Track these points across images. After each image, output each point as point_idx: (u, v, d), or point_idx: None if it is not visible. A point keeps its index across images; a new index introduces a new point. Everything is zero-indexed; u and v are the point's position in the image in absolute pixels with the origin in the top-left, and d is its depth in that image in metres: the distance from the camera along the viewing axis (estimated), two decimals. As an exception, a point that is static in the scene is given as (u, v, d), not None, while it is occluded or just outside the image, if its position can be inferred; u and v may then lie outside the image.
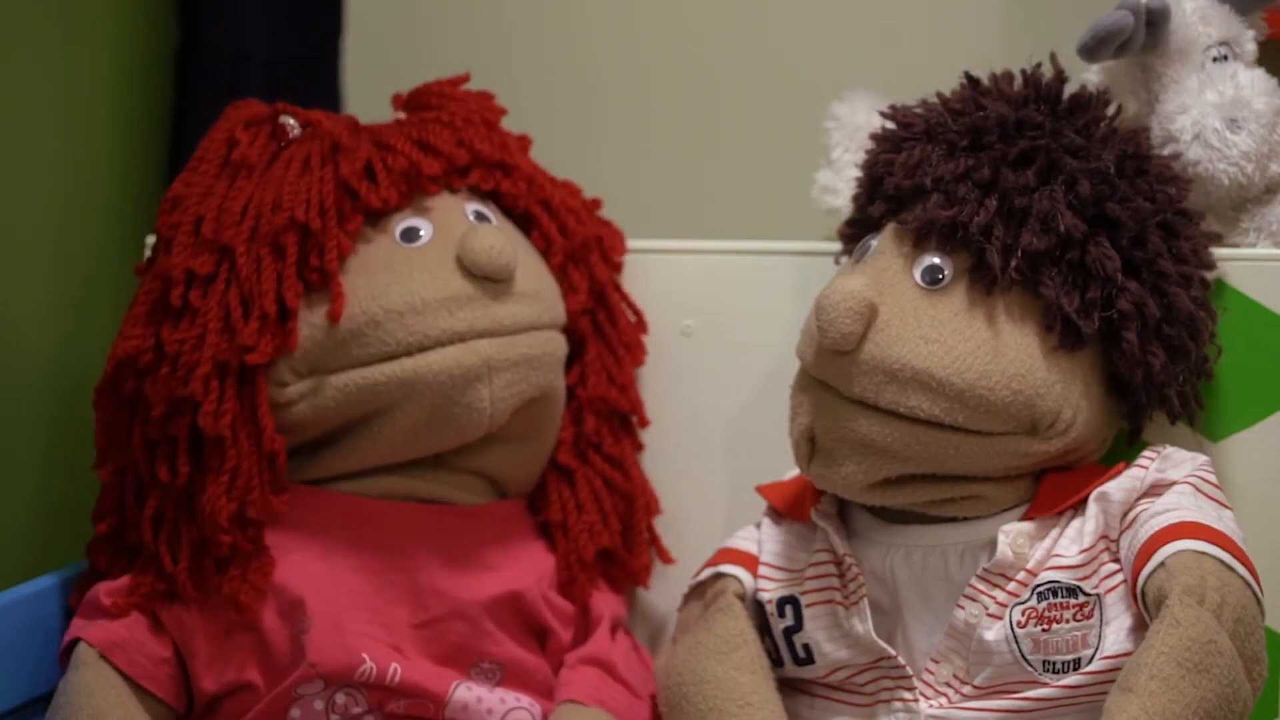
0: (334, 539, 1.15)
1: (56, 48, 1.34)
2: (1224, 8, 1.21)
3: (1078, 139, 1.11)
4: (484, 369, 1.13)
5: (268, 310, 1.12)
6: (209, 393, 1.12)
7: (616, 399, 1.24)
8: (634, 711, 1.17)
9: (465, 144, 1.20)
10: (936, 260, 1.10)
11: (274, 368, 1.13)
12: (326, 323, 1.13)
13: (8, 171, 1.28)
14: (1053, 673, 1.06)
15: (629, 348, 1.26)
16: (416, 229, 1.17)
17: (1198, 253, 1.13)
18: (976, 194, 1.09)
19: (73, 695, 1.10)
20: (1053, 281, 1.08)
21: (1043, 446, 1.08)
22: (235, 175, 1.17)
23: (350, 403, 1.13)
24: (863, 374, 1.07)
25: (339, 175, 1.16)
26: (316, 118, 1.20)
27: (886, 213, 1.14)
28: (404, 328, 1.13)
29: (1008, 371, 1.07)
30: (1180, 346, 1.11)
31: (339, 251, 1.14)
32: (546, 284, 1.20)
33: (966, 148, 1.11)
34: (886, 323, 1.08)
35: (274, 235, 1.14)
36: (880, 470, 1.08)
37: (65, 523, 1.30)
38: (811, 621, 1.13)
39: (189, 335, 1.13)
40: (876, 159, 1.16)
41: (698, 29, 1.66)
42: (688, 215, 1.62)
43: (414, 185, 1.18)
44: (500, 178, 1.22)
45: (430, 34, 1.69)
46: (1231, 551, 1.03)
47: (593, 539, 1.21)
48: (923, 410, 1.06)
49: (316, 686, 1.12)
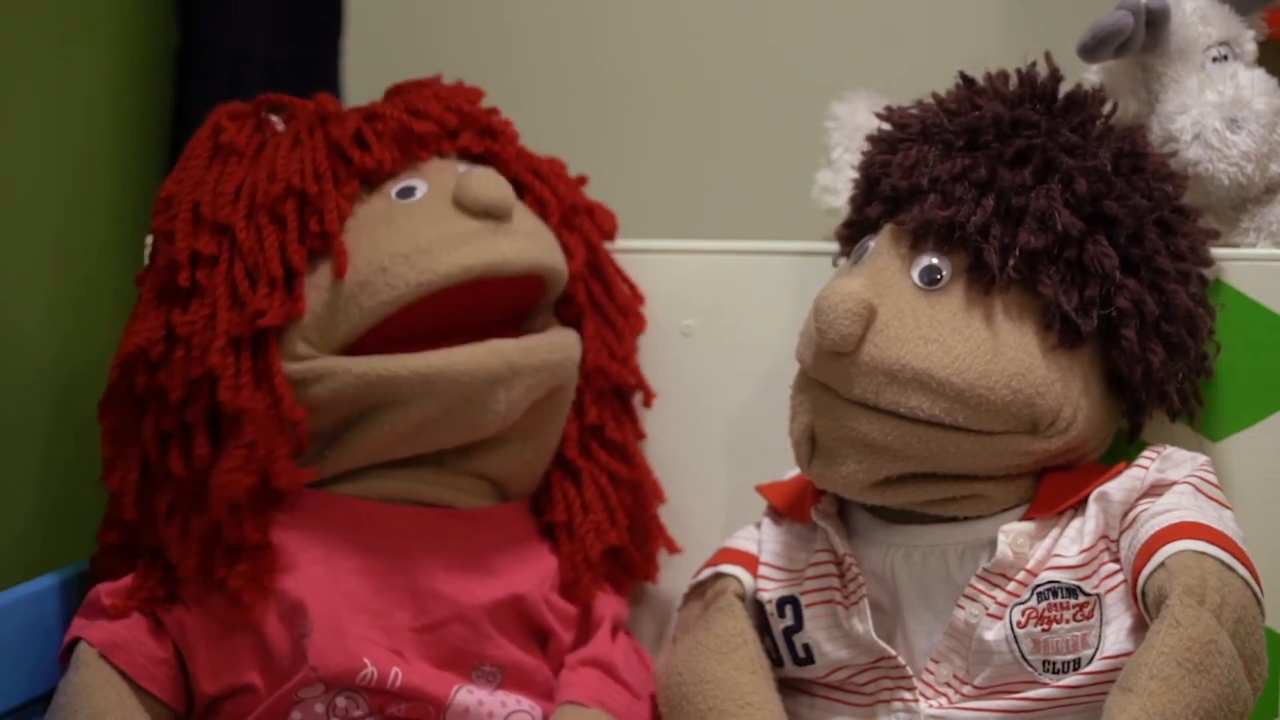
0: (335, 542, 1.15)
1: (56, 48, 1.34)
2: (1224, 8, 1.21)
3: (1074, 137, 1.11)
4: (507, 373, 1.13)
5: (274, 275, 1.12)
6: (226, 366, 1.11)
7: (617, 372, 1.24)
8: (634, 712, 1.17)
9: (453, 109, 1.21)
10: (934, 260, 1.10)
11: (286, 339, 1.13)
12: (332, 281, 1.13)
13: (8, 171, 1.28)
14: (1053, 673, 1.06)
15: (626, 315, 1.26)
16: (412, 187, 1.17)
17: (1196, 249, 1.13)
18: (973, 194, 1.10)
19: (73, 695, 1.10)
20: (1051, 280, 1.08)
21: (1043, 445, 1.08)
22: (225, 160, 1.17)
23: (369, 390, 1.13)
24: (862, 375, 1.07)
25: (330, 139, 1.16)
26: (299, 103, 1.21)
27: (884, 214, 1.14)
28: (411, 267, 1.12)
29: (1007, 370, 1.07)
30: (1179, 343, 1.11)
31: (339, 213, 1.14)
32: (545, 231, 1.20)
33: (963, 148, 1.11)
34: (885, 324, 1.08)
35: (272, 205, 1.14)
36: (881, 469, 1.08)
37: (65, 523, 1.30)
38: (811, 621, 1.13)
39: (199, 315, 1.13)
40: (873, 160, 1.16)
41: (698, 29, 1.66)
42: (688, 215, 1.62)
43: (405, 147, 1.18)
44: (489, 141, 1.22)
45: (430, 34, 1.69)
46: (1232, 552, 1.03)
47: (599, 538, 1.21)
48: (923, 410, 1.06)
49: (317, 690, 1.12)
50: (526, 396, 1.15)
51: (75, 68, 1.36)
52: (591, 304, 1.24)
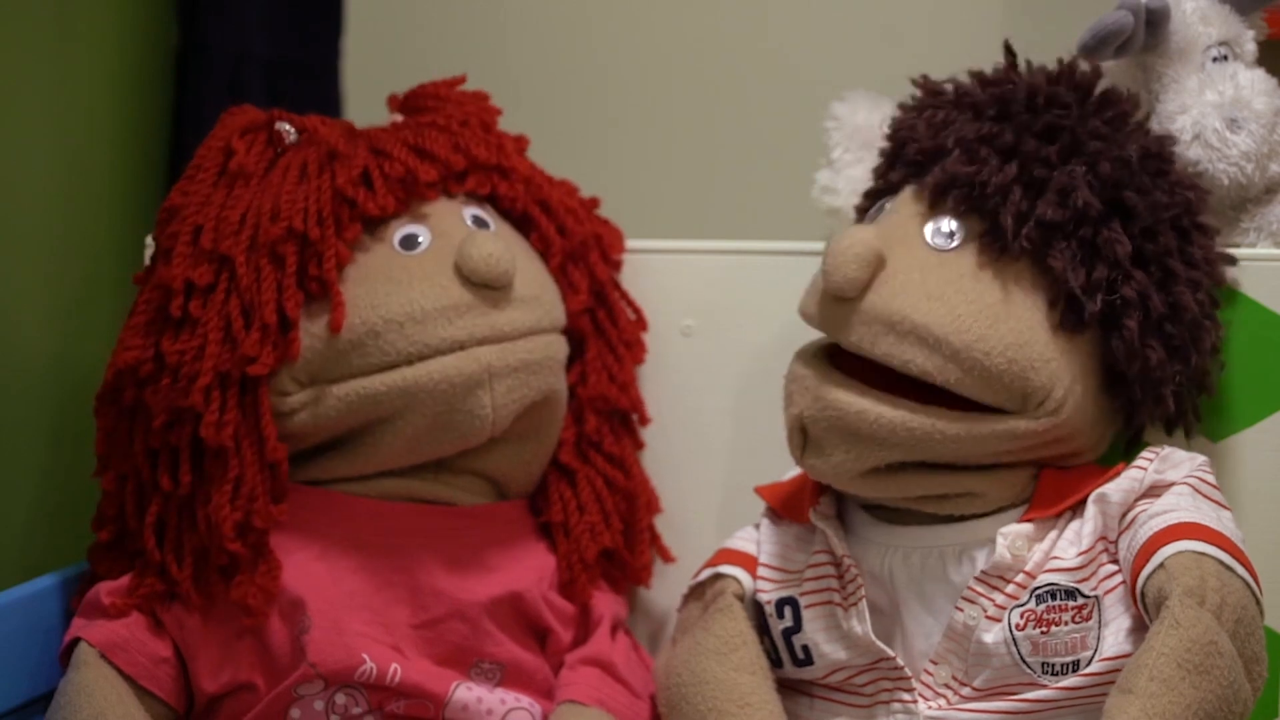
0: (334, 539, 1.15)
1: (56, 48, 1.34)
2: (1224, 8, 1.21)
3: (1104, 127, 1.11)
4: (485, 376, 1.13)
5: (268, 321, 1.12)
6: (210, 404, 1.12)
7: (617, 397, 1.24)
8: (634, 711, 1.17)
9: (462, 149, 1.20)
10: (951, 222, 1.10)
11: (275, 377, 1.13)
12: (327, 333, 1.13)
13: (8, 172, 1.28)
14: (1052, 675, 1.06)
15: (629, 346, 1.26)
16: (415, 236, 1.17)
17: (1210, 261, 1.13)
18: (998, 158, 1.10)
19: (73, 695, 1.10)
20: (1062, 255, 1.08)
21: (1030, 426, 1.08)
22: (232, 184, 1.17)
23: (352, 412, 1.13)
24: (862, 322, 1.08)
25: (336, 184, 1.16)
26: (312, 124, 1.20)
27: (906, 177, 1.14)
28: (404, 337, 1.13)
29: (1006, 339, 1.07)
30: (1180, 348, 1.11)
31: (337, 260, 1.14)
32: (546, 287, 1.20)
33: (993, 116, 1.12)
34: (892, 274, 1.08)
35: (272, 245, 1.14)
36: (869, 458, 1.08)
37: (65, 523, 1.30)
38: (810, 623, 1.13)
39: (189, 346, 1.13)
40: (901, 124, 1.16)
41: (698, 29, 1.66)
42: (688, 215, 1.62)
43: (411, 192, 1.18)
44: (497, 180, 1.22)
45: (430, 34, 1.69)
46: (1231, 552, 1.03)
47: (594, 539, 1.21)
48: (915, 365, 1.06)
49: (316, 687, 1.12)
50: (514, 398, 1.15)
51: (75, 68, 1.36)
52: (595, 331, 1.25)
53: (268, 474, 1.13)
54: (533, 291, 1.18)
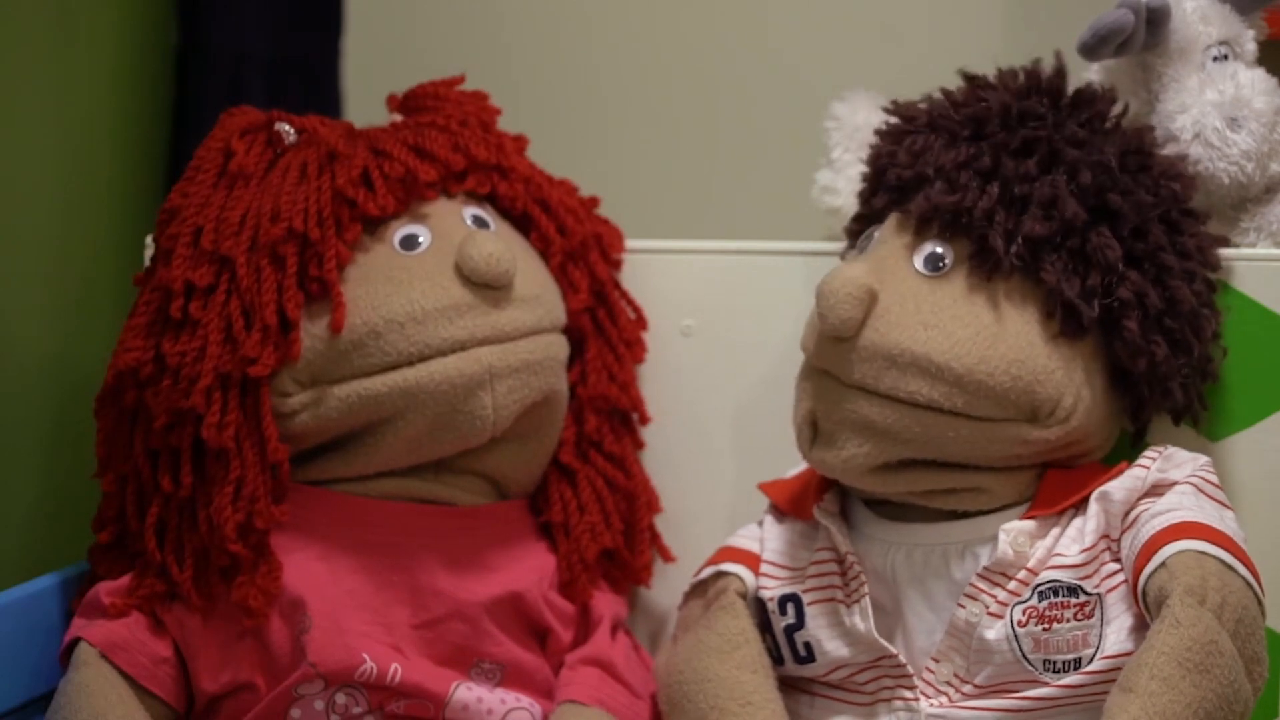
0: (335, 539, 1.15)
1: (56, 48, 1.34)
2: (1224, 7, 1.21)
3: (1080, 132, 1.11)
4: (486, 376, 1.13)
5: (269, 322, 1.12)
6: (211, 405, 1.12)
7: (617, 397, 1.24)
8: (634, 711, 1.17)
9: (461, 149, 1.20)
10: (937, 248, 1.11)
11: (276, 378, 1.13)
12: (328, 333, 1.13)
13: (8, 172, 1.28)
14: (1053, 672, 1.06)
15: (629, 345, 1.26)
16: (415, 236, 1.17)
17: (1203, 250, 1.13)
18: (978, 181, 1.10)
19: (73, 695, 1.10)
20: (1053, 268, 1.08)
21: (1043, 434, 1.08)
22: (232, 185, 1.17)
23: (353, 413, 1.13)
24: (862, 360, 1.08)
25: (336, 185, 1.16)
26: (312, 124, 1.20)
27: (889, 203, 1.14)
28: (405, 338, 1.13)
29: (1007, 357, 1.07)
30: (1182, 340, 1.11)
31: (338, 261, 1.14)
32: (546, 287, 1.20)
33: (968, 137, 1.12)
34: (886, 309, 1.08)
35: (273, 245, 1.13)
36: (881, 454, 1.08)
37: (66, 523, 1.30)
38: (813, 619, 1.13)
39: (190, 347, 1.13)
40: (880, 152, 1.16)
41: (697, 29, 1.66)
42: (688, 215, 1.62)
43: (411, 192, 1.18)
44: (497, 180, 1.22)
45: (429, 34, 1.69)
46: (1233, 552, 1.03)
47: (594, 539, 1.21)
48: (922, 395, 1.06)
49: (317, 686, 1.12)
50: (515, 399, 1.15)
51: (75, 68, 1.36)
52: (596, 330, 1.25)
53: (269, 475, 1.13)
54: (533, 291, 1.18)
